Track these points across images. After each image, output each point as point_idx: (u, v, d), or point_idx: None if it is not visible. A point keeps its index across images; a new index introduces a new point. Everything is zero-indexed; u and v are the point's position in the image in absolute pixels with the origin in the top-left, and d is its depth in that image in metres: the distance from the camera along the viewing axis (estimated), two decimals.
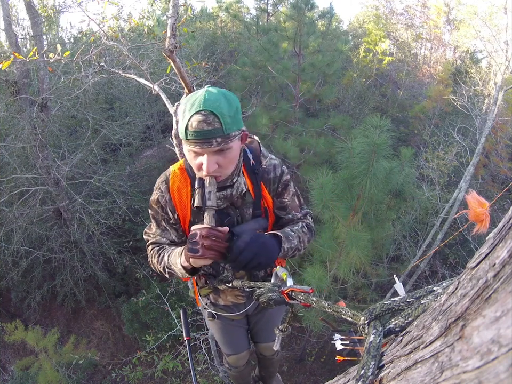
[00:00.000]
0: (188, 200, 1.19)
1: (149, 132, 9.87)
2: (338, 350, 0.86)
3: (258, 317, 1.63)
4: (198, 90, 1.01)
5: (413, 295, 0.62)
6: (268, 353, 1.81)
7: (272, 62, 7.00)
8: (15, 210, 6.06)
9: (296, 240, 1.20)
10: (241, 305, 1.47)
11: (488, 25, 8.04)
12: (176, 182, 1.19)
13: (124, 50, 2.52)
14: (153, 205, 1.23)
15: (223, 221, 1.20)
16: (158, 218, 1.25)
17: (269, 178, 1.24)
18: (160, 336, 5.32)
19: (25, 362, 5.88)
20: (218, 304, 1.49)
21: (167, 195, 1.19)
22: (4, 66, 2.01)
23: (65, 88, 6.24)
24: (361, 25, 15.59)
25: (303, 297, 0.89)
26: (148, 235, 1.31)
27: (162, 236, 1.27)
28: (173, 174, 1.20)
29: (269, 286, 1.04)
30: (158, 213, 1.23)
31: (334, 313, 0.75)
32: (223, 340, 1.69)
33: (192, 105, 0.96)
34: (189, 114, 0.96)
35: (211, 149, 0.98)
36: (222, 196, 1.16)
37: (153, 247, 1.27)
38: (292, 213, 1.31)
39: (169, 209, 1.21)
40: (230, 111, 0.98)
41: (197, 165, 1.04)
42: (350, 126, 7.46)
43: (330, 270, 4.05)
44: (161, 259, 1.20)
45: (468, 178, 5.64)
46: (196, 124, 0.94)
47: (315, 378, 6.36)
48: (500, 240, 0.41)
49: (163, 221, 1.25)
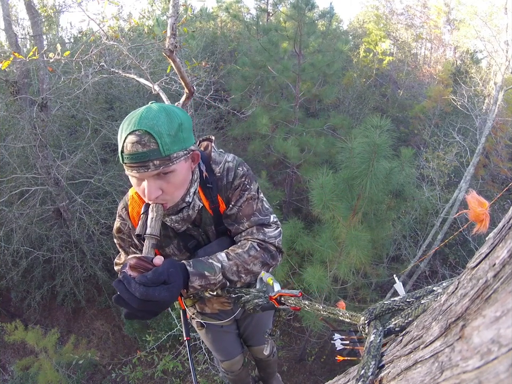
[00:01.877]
0: None
1: None
2: (338, 350, 0.86)
3: (247, 321, 1.61)
4: (139, 108, 0.92)
5: (413, 295, 0.62)
6: (262, 355, 1.78)
7: (272, 62, 7.00)
8: (15, 210, 6.06)
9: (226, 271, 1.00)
10: (228, 311, 1.45)
11: (488, 25, 8.05)
12: (136, 207, 1.11)
13: (123, 50, 2.52)
14: (117, 234, 1.17)
15: (186, 244, 1.13)
16: (124, 246, 1.19)
17: (223, 186, 1.09)
18: (160, 336, 5.31)
19: (25, 362, 5.88)
20: (205, 313, 1.46)
21: (128, 222, 1.12)
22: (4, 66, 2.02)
23: (65, 88, 6.24)
24: (361, 25, 15.59)
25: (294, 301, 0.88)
26: (116, 266, 1.26)
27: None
28: (131, 199, 1.12)
29: (254, 293, 1.02)
30: (123, 240, 1.17)
31: (330, 315, 0.75)
32: (215, 347, 1.66)
33: (128, 124, 0.87)
34: (124, 135, 0.87)
35: (148, 173, 0.88)
36: (179, 218, 1.05)
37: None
38: (241, 221, 1.11)
39: (133, 235, 1.14)
40: (170, 129, 0.87)
41: (141, 191, 0.95)
42: (350, 126, 7.46)
43: (330, 270, 4.06)
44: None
45: (468, 178, 5.65)
46: (130, 146, 0.85)
47: (315, 378, 6.36)
48: (499, 240, 0.41)
49: (131, 247, 1.18)
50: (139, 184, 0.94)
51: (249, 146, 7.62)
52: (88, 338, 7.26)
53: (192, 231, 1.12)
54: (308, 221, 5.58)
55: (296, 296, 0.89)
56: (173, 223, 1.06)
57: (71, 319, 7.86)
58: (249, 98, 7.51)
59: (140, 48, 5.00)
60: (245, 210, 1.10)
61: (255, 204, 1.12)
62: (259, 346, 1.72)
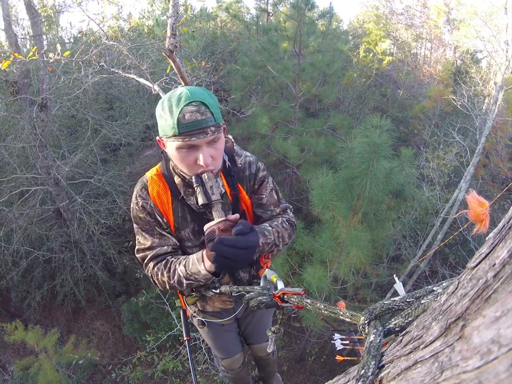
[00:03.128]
0: (169, 206, 1.16)
1: (149, 132, 9.87)
2: (339, 350, 0.86)
3: (248, 319, 1.62)
4: (175, 89, 1.00)
5: (413, 295, 0.62)
6: (262, 354, 1.80)
7: (272, 62, 7.00)
8: (15, 210, 6.06)
9: (273, 235, 1.16)
10: (229, 310, 1.46)
11: (488, 25, 8.05)
12: (155, 187, 1.14)
13: (123, 50, 2.52)
14: (140, 214, 1.14)
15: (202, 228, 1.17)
16: (148, 227, 1.16)
17: (245, 177, 1.21)
18: (160, 336, 5.31)
19: (25, 362, 5.88)
20: (206, 311, 1.47)
21: (150, 201, 1.13)
22: (4, 66, 2.01)
23: (65, 88, 6.25)
24: (361, 25, 15.60)
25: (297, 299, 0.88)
26: (143, 251, 1.19)
27: (162, 245, 1.17)
28: (150, 180, 1.15)
29: (259, 290, 1.03)
30: (147, 221, 1.15)
31: (331, 314, 0.75)
32: (216, 345, 1.67)
33: (179, 100, 0.95)
34: (178, 108, 0.94)
35: (207, 138, 0.96)
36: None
37: (156, 264, 1.16)
38: (270, 208, 1.27)
39: (157, 214, 1.15)
40: (214, 103, 1.00)
41: (191, 162, 1.00)
42: (350, 126, 7.46)
43: (330, 270, 4.06)
44: (174, 272, 1.12)
45: (468, 178, 5.64)
46: (189, 115, 0.94)
47: (315, 378, 6.37)
48: (500, 240, 0.41)
49: (156, 227, 1.16)
50: (188, 156, 1.00)
51: (249, 146, 7.62)
52: (88, 338, 7.27)
53: (210, 215, 1.16)
54: (308, 221, 5.58)
55: (299, 294, 0.89)
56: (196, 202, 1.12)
57: (71, 319, 7.86)
58: (249, 98, 7.51)
59: (140, 48, 5.00)
60: (271, 200, 1.27)
61: (276, 194, 1.30)
62: (259, 345, 1.73)
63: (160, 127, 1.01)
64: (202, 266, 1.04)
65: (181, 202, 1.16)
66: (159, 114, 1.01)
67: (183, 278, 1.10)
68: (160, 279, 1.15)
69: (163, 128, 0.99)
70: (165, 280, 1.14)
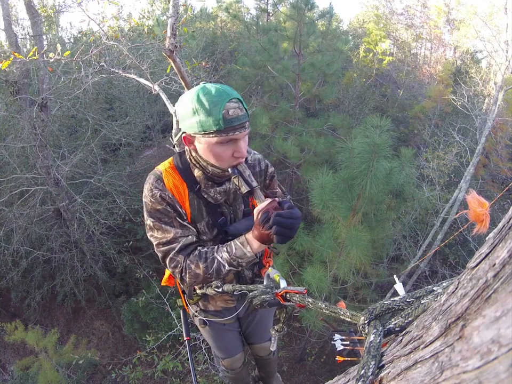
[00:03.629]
0: (186, 197, 1.16)
1: (149, 132, 9.87)
2: (339, 350, 0.86)
3: (249, 319, 1.62)
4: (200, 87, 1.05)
5: (413, 295, 0.62)
6: (263, 353, 1.80)
7: (272, 62, 7.00)
8: (15, 210, 6.06)
9: None
10: (231, 309, 1.46)
11: (488, 25, 8.05)
12: (171, 179, 1.15)
13: (123, 50, 2.52)
14: (158, 206, 1.12)
15: (217, 221, 1.20)
16: (168, 219, 1.14)
17: (255, 173, 1.28)
18: (160, 336, 5.31)
19: (25, 362, 5.88)
20: (208, 310, 1.47)
21: (167, 192, 1.13)
22: (4, 66, 2.02)
23: (65, 88, 6.24)
24: (361, 25, 15.60)
25: (299, 298, 0.89)
26: (165, 245, 1.14)
27: (185, 235, 1.15)
28: (165, 172, 1.16)
29: (262, 288, 1.04)
30: (167, 212, 1.13)
31: (331, 314, 0.75)
32: (216, 344, 1.68)
33: (219, 96, 1.00)
34: (220, 104, 0.99)
35: (244, 132, 1.05)
36: (222, 190, 1.17)
37: (186, 256, 1.13)
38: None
39: (176, 204, 1.14)
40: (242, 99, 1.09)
41: (228, 155, 1.07)
42: (350, 126, 7.46)
43: (330, 270, 4.05)
44: (213, 261, 1.11)
45: (468, 178, 5.65)
46: (233, 111, 1.01)
47: (315, 378, 6.37)
48: (499, 240, 0.41)
49: (177, 217, 1.14)
50: (227, 149, 1.06)
51: (249, 146, 7.60)
52: (88, 338, 7.27)
53: (223, 207, 1.22)
54: (308, 221, 5.58)
55: (301, 293, 0.90)
56: (216, 194, 1.18)
57: (71, 319, 7.86)
58: (249, 98, 7.51)
59: (140, 48, 5.00)
60: (279, 192, 1.43)
61: (280, 187, 1.45)
62: (260, 344, 1.73)
63: (195, 123, 1.02)
64: (249, 248, 1.08)
65: (196, 194, 1.17)
66: (191, 111, 1.02)
67: (226, 264, 1.10)
68: (193, 272, 1.13)
69: (202, 124, 1.01)
70: (199, 272, 1.12)
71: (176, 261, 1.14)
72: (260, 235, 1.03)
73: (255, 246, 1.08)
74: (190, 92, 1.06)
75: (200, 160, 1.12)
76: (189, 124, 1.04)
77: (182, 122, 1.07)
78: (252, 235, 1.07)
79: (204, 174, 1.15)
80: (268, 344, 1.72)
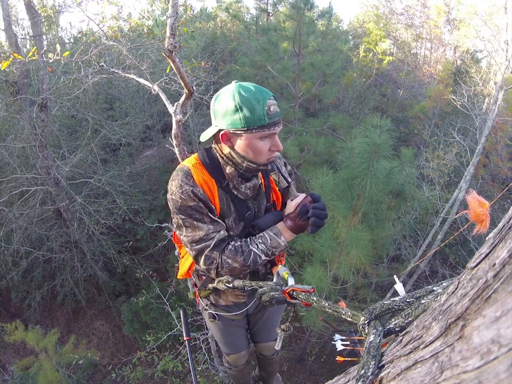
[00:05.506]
0: (215, 193, 1.18)
1: (149, 132, 9.87)
2: (339, 350, 0.86)
3: (258, 316, 1.63)
4: (236, 85, 1.08)
5: (413, 295, 0.62)
6: (267, 353, 1.81)
7: (272, 62, 7.00)
8: (15, 210, 6.06)
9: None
10: (242, 304, 1.47)
11: (488, 25, 8.05)
12: (200, 175, 1.15)
13: (123, 50, 2.52)
14: (189, 203, 1.11)
15: (244, 215, 1.24)
16: (199, 215, 1.13)
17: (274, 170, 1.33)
18: (160, 336, 5.31)
19: (25, 362, 5.88)
20: (218, 305, 1.48)
21: (198, 188, 1.13)
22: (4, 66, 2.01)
23: (65, 88, 6.24)
24: (361, 25, 15.60)
25: (304, 296, 0.90)
26: (200, 243, 1.14)
27: (217, 230, 1.16)
28: (193, 168, 1.16)
29: (272, 285, 1.05)
30: (199, 209, 1.12)
31: (334, 313, 0.75)
32: (224, 340, 1.69)
33: (260, 93, 1.06)
34: (262, 101, 1.05)
35: (280, 127, 1.12)
36: (251, 185, 1.22)
37: (221, 252, 1.15)
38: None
39: (207, 200, 1.14)
40: None
41: (266, 149, 1.12)
42: (350, 125, 7.46)
43: (330, 270, 4.05)
44: (250, 253, 1.15)
45: (468, 178, 5.64)
46: (273, 108, 1.07)
47: (315, 378, 6.37)
48: (499, 240, 0.41)
49: (208, 213, 1.15)
50: (266, 144, 1.11)
51: None
52: (88, 338, 7.27)
53: (249, 202, 1.26)
54: None
55: (308, 291, 0.91)
56: (246, 189, 1.23)
57: (71, 319, 7.86)
58: None
59: (140, 48, 5.00)
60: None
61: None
62: (266, 343, 1.75)
63: (238, 120, 1.05)
64: (282, 238, 1.17)
65: (224, 190, 1.19)
66: (233, 108, 1.05)
67: (262, 255, 1.17)
68: (230, 267, 1.15)
69: (246, 120, 1.05)
70: (236, 265, 1.15)
71: (212, 257, 1.15)
72: (296, 225, 1.14)
73: (287, 236, 1.17)
74: (227, 90, 1.09)
75: (234, 157, 1.14)
76: (230, 120, 1.07)
77: (222, 119, 1.08)
78: (284, 226, 1.17)
79: (236, 170, 1.18)
80: (273, 344, 1.73)
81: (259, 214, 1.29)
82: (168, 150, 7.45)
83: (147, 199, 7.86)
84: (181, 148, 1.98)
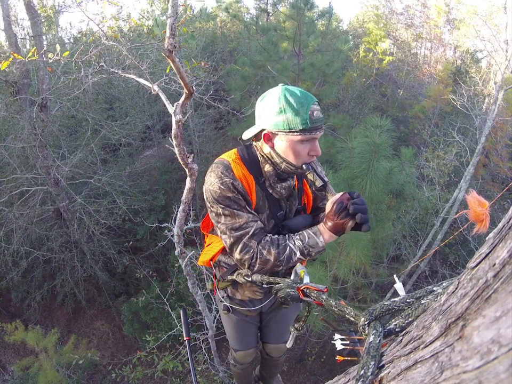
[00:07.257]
0: (253, 188, 1.20)
1: (149, 132, 9.87)
2: (339, 350, 0.86)
3: (271, 316, 1.63)
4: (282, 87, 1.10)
5: (413, 295, 0.62)
6: (275, 354, 1.81)
7: (272, 61, 7.00)
8: (15, 211, 6.06)
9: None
10: (257, 301, 1.47)
11: (488, 25, 8.04)
12: (239, 169, 1.18)
13: (123, 50, 2.51)
14: (228, 194, 1.13)
15: (276, 214, 1.26)
16: (237, 206, 1.15)
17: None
18: (160, 336, 5.31)
19: (25, 362, 5.87)
20: (234, 299, 1.49)
21: (237, 181, 1.15)
22: (3, 66, 2.01)
23: (65, 88, 6.23)
24: (361, 25, 15.61)
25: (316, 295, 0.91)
26: (239, 230, 1.15)
27: (255, 220, 1.18)
28: (233, 162, 1.18)
29: (288, 282, 1.07)
30: (237, 200, 1.15)
31: (339, 312, 0.76)
32: (234, 334, 1.69)
33: (305, 98, 1.08)
34: (306, 106, 1.07)
35: (322, 132, 1.14)
36: (286, 185, 1.25)
37: (259, 242, 1.15)
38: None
39: (245, 194, 1.17)
40: None
41: (305, 153, 1.14)
42: (350, 125, 7.46)
43: (330, 270, 4.05)
44: (285, 248, 1.15)
45: (467, 178, 5.64)
46: (316, 113, 1.09)
47: (315, 378, 6.37)
48: (500, 240, 0.41)
49: (247, 205, 1.17)
50: (305, 148, 1.13)
51: None
52: (88, 339, 7.26)
53: (282, 202, 1.28)
54: None
55: (321, 291, 0.92)
56: (281, 189, 1.25)
57: (71, 319, 7.86)
58: (249, 98, 7.50)
59: (140, 48, 5.00)
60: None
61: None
62: (276, 345, 1.75)
63: (281, 121, 1.08)
64: (321, 238, 1.14)
65: (260, 187, 1.21)
66: (277, 110, 1.08)
67: (298, 252, 1.14)
68: (264, 258, 1.15)
69: (289, 122, 1.07)
70: (270, 258, 1.14)
71: (249, 246, 1.15)
72: (335, 225, 1.10)
73: (326, 237, 1.14)
74: (273, 92, 1.12)
75: (274, 157, 1.17)
76: (273, 121, 1.10)
77: (266, 120, 1.12)
78: (324, 227, 1.15)
79: (275, 170, 1.20)
80: (282, 346, 1.75)
81: (290, 215, 1.31)
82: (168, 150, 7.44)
83: (147, 199, 7.86)
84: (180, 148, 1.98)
